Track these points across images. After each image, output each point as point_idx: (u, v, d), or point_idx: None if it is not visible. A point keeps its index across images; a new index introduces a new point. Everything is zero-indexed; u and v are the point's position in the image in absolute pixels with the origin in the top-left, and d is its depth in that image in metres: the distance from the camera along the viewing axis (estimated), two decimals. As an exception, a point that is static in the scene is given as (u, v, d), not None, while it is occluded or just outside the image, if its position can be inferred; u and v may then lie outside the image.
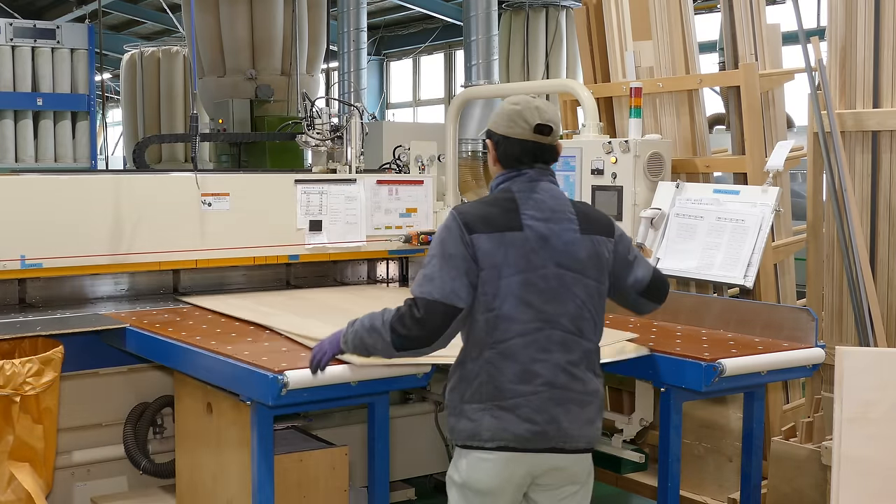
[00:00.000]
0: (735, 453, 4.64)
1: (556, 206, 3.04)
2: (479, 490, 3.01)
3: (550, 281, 2.97)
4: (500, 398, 2.96)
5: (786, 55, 5.49)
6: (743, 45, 5.05)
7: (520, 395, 2.95)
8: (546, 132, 3.03)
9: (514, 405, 2.95)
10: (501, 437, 2.95)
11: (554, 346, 2.97)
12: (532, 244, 2.96)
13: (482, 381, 2.97)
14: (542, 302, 2.96)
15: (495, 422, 2.95)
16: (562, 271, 2.98)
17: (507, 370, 2.95)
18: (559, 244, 2.99)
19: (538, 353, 2.96)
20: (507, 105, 3.08)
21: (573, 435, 3.01)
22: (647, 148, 4.81)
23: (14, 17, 15.22)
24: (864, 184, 4.45)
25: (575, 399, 3.00)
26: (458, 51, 19.45)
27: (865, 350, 4.06)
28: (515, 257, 2.94)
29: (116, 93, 21.04)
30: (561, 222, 3.02)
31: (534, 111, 3.03)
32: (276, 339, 3.91)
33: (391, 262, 5.78)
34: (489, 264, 2.93)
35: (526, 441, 2.96)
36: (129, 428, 4.48)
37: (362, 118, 5.68)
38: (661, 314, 4.30)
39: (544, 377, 2.96)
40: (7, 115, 11.41)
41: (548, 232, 2.99)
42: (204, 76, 12.64)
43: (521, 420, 2.95)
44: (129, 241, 4.67)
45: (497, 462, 2.98)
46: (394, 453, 4.20)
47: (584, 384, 3.02)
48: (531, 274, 2.95)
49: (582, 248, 3.02)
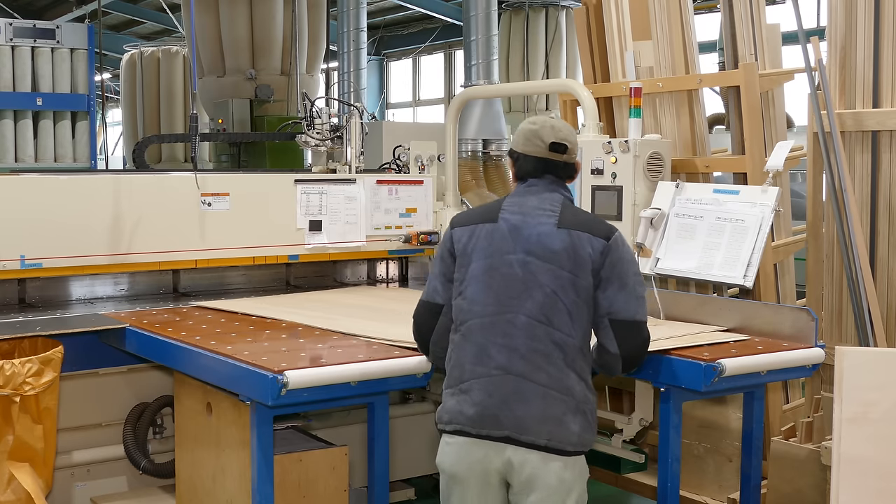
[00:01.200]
0: (735, 453, 4.64)
1: (539, 204, 3.14)
2: (448, 474, 3.14)
3: (515, 267, 3.05)
4: (460, 380, 3.07)
5: (786, 55, 5.49)
6: (743, 45, 5.05)
7: (475, 376, 3.03)
8: (560, 150, 3.17)
9: (469, 387, 3.04)
10: (457, 420, 3.06)
11: (517, 332, 3.02)
12: (503, 233, 3.10)
13: (452, 365, 3.13)
14: (505, 286, 3.05)
15: (455, 404, 3.08)
16: (529, 258, 3.05)
17: (468, 352, 3.06)
18: (531, 234, 3.08)
19: (497, 337, 3.03)
20: (526, 125, 3.23)
21: (529, 427, 2.98)
22: (647, 148, 4.81)
23: (14, 17, 15.23)
24: (864, 184, 4.45)
25: (534, 390, 2.99)
26: (457, 51, 19.45)
27: (865, 350, 4.06)
28: (484, 245, 3.10)
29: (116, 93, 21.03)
30: (538, 216, 3.11)
31: (549, 130, 3.18)
32: (276, 339, 3.91)
33: (391, 262, 5.78)
34: (462, 252, 3.14)
35: (477, 423, 3.02)
36: (128, 428, 4.48)
37: (362, 118, 5.68)
38: (661, 314, 4.31)
39: (498, 361, 3.01)
40: (7, 115, 11.40)
41: (521, 223, 3.10)
42: (204, 76, 12.65)
43: (473, 403, 3.03)
44: (129, 241, 4.67)
45: (455, 446, 3.09)
46: (394, 453, 4.20)
47: (551, 377, 2.99)
48: (495, 259, 3.07)
49: (556, 239, 3.06)
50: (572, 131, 3.25)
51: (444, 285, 3.19)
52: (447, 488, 3.18)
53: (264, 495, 3.43)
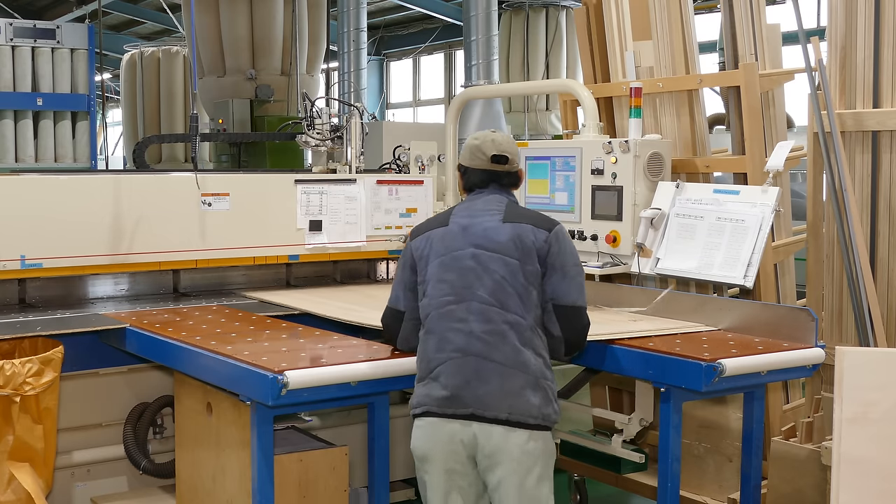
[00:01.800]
0: (735, 453, 4.63)
1: (485, 206, 3.45)
2: (417, 456, 3.38)
3: (466, 260, 3.33)
4: (428, 370, 3.31)
5: (786, 55, 5.48)
6: (743, 45, 5.05)
7: (439, 362, 3.28)
8: (502, 161, 3.48)
9: (437, 374, 3.28)
10: (424, 403, 3.30)
11: (472, 317, 3.27)
12: (454, 233, 3.39)
13: (419, 360, 3.37)
14: (458, 277, 3.32)
15: (423, 391, 3.32)
16: (478, 251, 3.33)
17: (430, 343, 3.32)
18: (478, 230, 3.37)
19: (453, 323, 3.28)
20: (470, 141, 3.55)
21: (490, 404, 3.21)
22: (647, 148, 4.81)
23: (14, 17, 15.24)
24: (864, 184, 4.45)
25: (493, 368, 3.23)
26: (458, 51, 19.47)
27: (865, 350, 4.06)
28: (437, 246, 3.39)
29: (116, 93, 21.06)
30: (484, 216, 3.41)
31: (490, 144, 3.49)
32: (276, 339, 3.92)
33: (391, 262, 5.78)
34: (420, 257, 3.42)
35: (443, 404, 3.25)
36: (129, 428, 4.48)
37: (362, 118, 5.68)
38: (661, 314, 4.32)
39: (456, 344, 3.26)
40: (7, 115, 11.41)
41: (469, 223, 3.41)
42: (204, 76, 12.65)
43: (441, 386, 3.26)
44: (129, 241, 4.67)
45: (423, 427, 3.32)
46: (394, 453, 4.20)
47: (506, 355, 3.24)
48: (447, 256, 3.36)
49: (502, 232, 3.35)
50: (512, 142, 3.56)
51: (404, 294, 3.47)
52: (420, 472, 3.40)
53: (264, 495, 3.43)
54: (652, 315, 4.35)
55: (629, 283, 4.82)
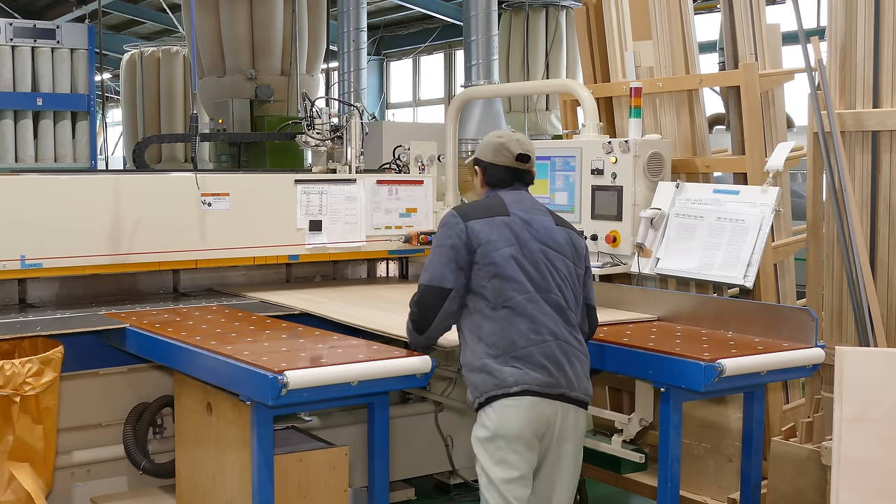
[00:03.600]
0: (735, 453, 4.64)
1: (534, 205, 3.63)
2: (507, 436, 3.37)
3: (537, 255, 3.47)
4: (514, 349, 3.37)
5: (786, 55, 5.49)
6: (743, 45, 5.05)
7: (532, 343, 3.38)
8: (525, 160, 3.61)
9: (527, 354, 3.37)
10: (524, 382, 3.36)
11: (550, 308, 3.44)
12: (518, 225, 3.49)
13: (498, 337, 3.39)
14: (534, 271, 3.44)
15: (515, 370, 3.37)
16: (545, 248, 3.50)
17: (519, 324, 3.39)
18: (540, 228, 3.52)
19: (543, 308, 3.42)
20: (493, 138, 3.66)
21: (576, 385, 3.43)
22: (647, 148, 4.81)
23: (14, 17, 15.24)
24: (864, 184, 4.45)
25: (575, 353, 3.45)
26: (458, 51, 19.46)
27: (865, 350, 4.06)
28: (507, 234, 3.46)
29: (116, 93, 21.06)
30: (538, 214, 3.58)
31: (515, 143, 3.61)
32: (276, 339, 3.91)
33: (391, 261, 5.78)
34: (485, 240, 3.44)
35: (544, 385, 3.37)
36: (129, 428, 4.48)
37: (362, 118, 5.68)
38: (661, 314, 4.32)
39: (550, 328, 3.41)
40: (7, 115, 11.41)
41: (529, 219, 3.53)
42: (204, 76, 12.65)
43: (536, 366, 3.37)
44: (129, 241, 4.66)
45: (520, 407, 3.36)
46: (394, 453, 4.20)
47: (580, 343, 3.50)
48: (521, 247, 3.46)
49: (559, 234, 3.56)
50: (532, 143, 3.71)
51: (454, 272, 3.43)
52: (500, 451, 3.38)
53: (264, 495, 3.43)
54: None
55: (629, 283, 4.82)
